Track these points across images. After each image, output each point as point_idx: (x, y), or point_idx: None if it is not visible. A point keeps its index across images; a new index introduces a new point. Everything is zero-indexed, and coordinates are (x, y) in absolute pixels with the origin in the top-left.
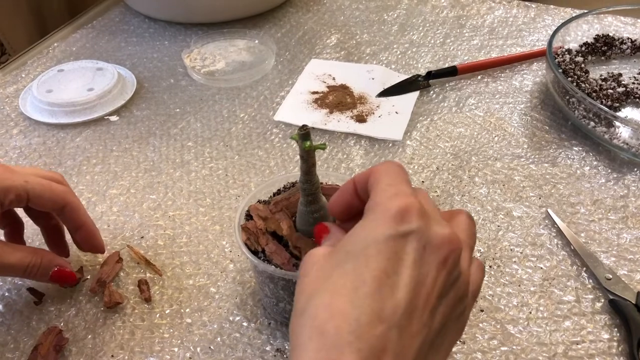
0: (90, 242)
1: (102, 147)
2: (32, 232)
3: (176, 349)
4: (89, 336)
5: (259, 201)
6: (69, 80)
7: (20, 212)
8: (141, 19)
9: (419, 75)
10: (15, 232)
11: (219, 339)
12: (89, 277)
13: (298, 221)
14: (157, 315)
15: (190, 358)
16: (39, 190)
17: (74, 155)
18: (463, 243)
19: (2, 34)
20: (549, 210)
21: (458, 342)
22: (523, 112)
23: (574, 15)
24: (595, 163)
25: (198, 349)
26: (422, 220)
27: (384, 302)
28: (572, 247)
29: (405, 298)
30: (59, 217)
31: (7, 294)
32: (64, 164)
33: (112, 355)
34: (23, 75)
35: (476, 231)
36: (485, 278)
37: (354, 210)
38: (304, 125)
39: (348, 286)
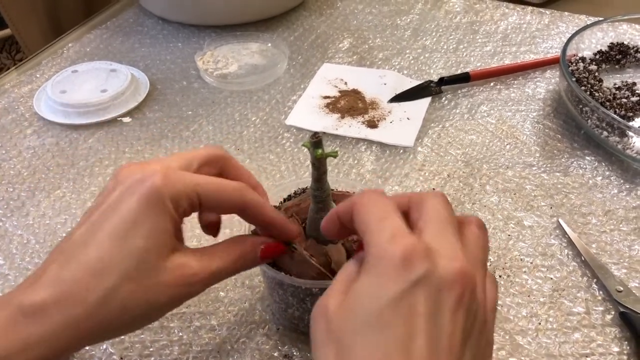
0: (283, 234)
1: (114, 148)
2: None
3: (185, 354)
4: None
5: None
6: (83, 81)
7: None
8: (155, 20)
9: (431, 81)
10: None
11: (227, 343)
12: None
13: (308, 227)
14: (166, 319)
15: None
16: (211, 190)
17: (86, 156)
18: (477, 266)
19: (17, 33)
20: (560, 220)
21: None
22: (535, 120)
23: (588, 22)
24: (607, 173)
25: (206, 354)
26: (428, 261)
27: None
28: (583, 258)
29: (427, 356)
30: (240, 216)
31: None
32: (77, 165)
33: (122, 357)
34: (38, 76)
35: (488, 239)
36: None
37: (343, 236)
38: (315, 133)
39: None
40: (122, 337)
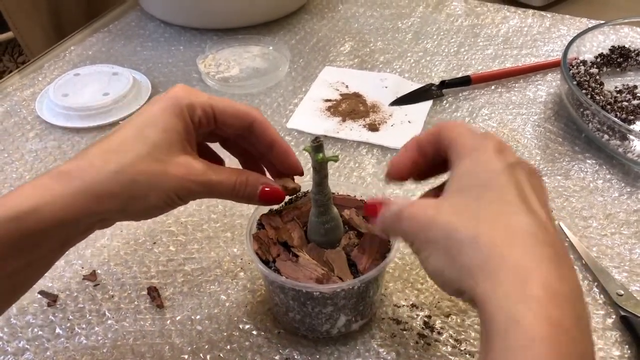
0: (286, 160)
1: None
2: None
3: (186, 356)
4: (100, 340)
5: (270, 210)
6: (85, 85)
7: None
8: (157, 23)
9: (432, 85)
10: None
11: (228, 346)
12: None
13: (309, 231)
14: (168, 322)
15: None
16: (223, 106)
17: None
18: None
19: (20, 37)
20: (561, 224)
21: (467, 355)
22: (536, 123)
23: (589, 26)
24: (608, 176)
25: (208, 357)
26: (514, 155)
27: (536, 216)
28: (584, 262)
29: (542, 211)
30: (248, 138)
31: None
32: None
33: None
34: (40, 79)
35: None
36: None
37: (413, 169)
38: (317, 138)
39: (507, 210)
40: (124, 338)
